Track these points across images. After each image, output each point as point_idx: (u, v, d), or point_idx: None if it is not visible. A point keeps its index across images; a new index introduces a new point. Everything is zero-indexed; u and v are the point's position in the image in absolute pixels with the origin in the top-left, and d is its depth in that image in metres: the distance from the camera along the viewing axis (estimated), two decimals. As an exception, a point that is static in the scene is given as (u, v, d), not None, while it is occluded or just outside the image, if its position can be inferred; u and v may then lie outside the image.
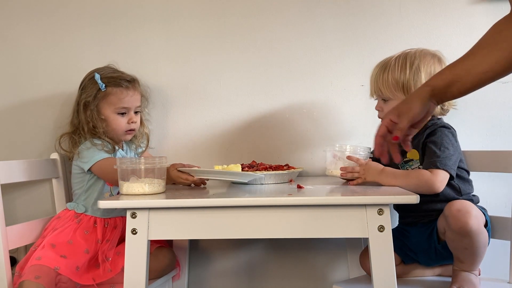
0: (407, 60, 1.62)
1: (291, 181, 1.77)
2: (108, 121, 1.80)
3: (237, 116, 2.01)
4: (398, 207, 1.72)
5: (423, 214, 1.61)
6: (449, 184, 1.54)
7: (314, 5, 1.97)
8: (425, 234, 1.61)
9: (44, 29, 2.06)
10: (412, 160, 1.63)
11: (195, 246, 2.03)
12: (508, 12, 1.22)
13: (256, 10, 2.00)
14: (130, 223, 1.35)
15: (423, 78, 1.58)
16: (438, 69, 1.58)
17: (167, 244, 1.86)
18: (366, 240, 1.35)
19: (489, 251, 1.53)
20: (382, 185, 1.53)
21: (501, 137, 1.87)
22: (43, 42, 2.06)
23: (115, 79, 1.81)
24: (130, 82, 1.83)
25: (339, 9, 1.97)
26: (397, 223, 1.76)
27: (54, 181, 1.91)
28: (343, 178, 1.63)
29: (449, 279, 1.55)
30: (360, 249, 1.83)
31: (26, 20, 2.07)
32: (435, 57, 1.64)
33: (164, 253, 1.79)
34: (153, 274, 1.71)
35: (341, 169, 1.60)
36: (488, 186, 1.73)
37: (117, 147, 1.81)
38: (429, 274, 1.65)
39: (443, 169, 1.50)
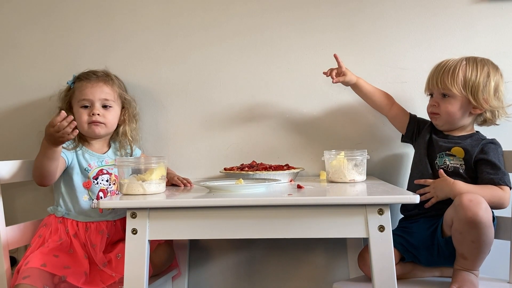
0: (478, 63, 1.68)
1: (291, 181, 1.77)
2: (75, 117, 1.77)
3: (237, 116, 2.01)
4: None
5: (432, 205, 1.63)
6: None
7: (314, 5, 1.97)
8: (429, 230, 1.62)
9: (44, 30, 2.06)
10: (454, 156, 1.67)
11: (195, 246, 2.03)
12: (507, 12, 1.23)
13: (256, 10, 2.00)
14: (130, 223, 1.35)
15: (492, 85, 1.67)
16: (500, 81, 1.69)
17: (166, 240, 1.85)
18: (366, 240, 1.35)
19: (490, 251, 1.53)
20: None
21: (501, 137, 1.86)
22: (44, 43, 2.06)
23: (83, 74, 1.82)
24: (97, 76, 1.81)
25: (339, 9, 1.97)
26: (397, 223, 1.76)
27: (54, 181, 1.91)
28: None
29: (449, 280, 1.55)
30: (360, 249, 1.83)
31: (26, 22, 2.07)
32: (499, 69, 1.71)
33: (162, 249, 1.79)
34: (153, 269, 1.70)
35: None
36: (488, 186, 1.73)
37: (81, 146, 1.78)
38: (427, 276, 1.66)
39: (509, 186, 1.61)
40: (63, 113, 1.52)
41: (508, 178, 1.63)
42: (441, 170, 1.64)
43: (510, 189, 1.62)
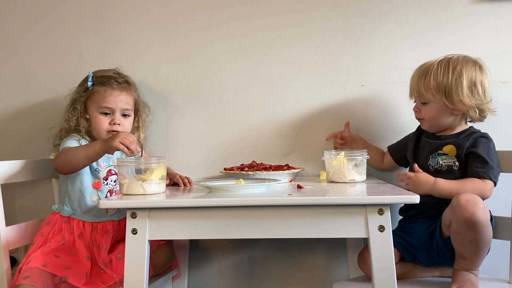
0: (450, 64, 1.66)
1: (291, 181, 1.77)
2: (91, 120, 1.78)
3: (237, 116, 2.01)
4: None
5: (431, 205, 1.63)
6: None
7: (314, 5, 1.97)
8: (427, 230, 1.62)
9: (45, 30, 2.06)
10: (446, 154, 1.67)
11: (195, 246, 2.03)
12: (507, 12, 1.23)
13: (256, 11, 2.00)
14: (130, 223, 1.35)
15: (465, 83, 1.64)
16: (479, 76, 1.66)
17: (167, 241, 1.85)
18: (366, 240, 1.35)
19: (489, 251, 1.53)
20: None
21: (501, 137, 1.87)
22: (44, 43, 2.06)
23: (104, 78, 1.80)
24: (119, 83, 1.81)
25: (339, 9, 1.97)
26: (397, 223, 1.76)
27: (54, 181, 1.91)
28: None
29: (449, 280, 1.55)
30: (360, 249, 1.83)
31: (27, 22, 2.07)
32: (477, 64, 1.68)
33: (163, 249, 1.79)
34: (153, 269, 1.70)
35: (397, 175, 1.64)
36: (488, 186, 1.73)
37: None
38: (427, 276, 1.66)
39: (492, 180, 1.60)
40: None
41: (496, 173, 1.61)
42: (415, 165, 1.62)
43: (495, 184, 1.61)
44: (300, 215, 1.34)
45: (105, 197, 1.75)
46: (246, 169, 1.82)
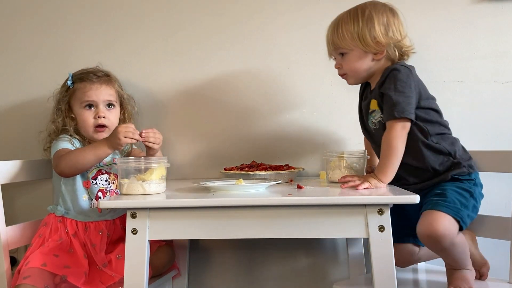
0: (358, 11, 1.62)
1: (291, 181, 1.77)
2: (77, 118, 1.77)
3: (237, 116, 2.01)
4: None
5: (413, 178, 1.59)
6: (416, 127, 1.55)
7: (314, 5, 1.98)
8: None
9: (44, 29, 2.06)
10: (374, 110, 1.62)
11: (195, 246, 2.03)
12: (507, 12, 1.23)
13: (256, 11, 2.00)
14: (130, 223, 1.36)
15: (376, 24, 1.59)
16: (390, 17, 1.61)
17: (167, 242, 1.85)
18: (366, 240, 1.35)
19: (489, 251, 1.53)
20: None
21: (501, 137, 1.87)
22: (43, 43, 2.06)
23: (83, 75, 1.80)
24: (98, 77, 1.80)
25: (340, 9, 1.96)
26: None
27: (53, 181, 1.90)
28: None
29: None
30: (360, 249, 1.83)
31: (27, 21, 2.07)
32: (386, 6, 1.64)
33: (163, 251, 1.79)
34: (152, 270, 1.70)
35: (339, 180, 1.57)
36: (488, 186, 1.72)
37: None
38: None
39: (401, 118, 1.50)
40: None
41: (405, 105, 1.50)
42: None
43: (409, 118, 1.51)
44: (300, 215, 1.34)
45: (96, 197, 1.75)
46: (246, 169, 1.82)
